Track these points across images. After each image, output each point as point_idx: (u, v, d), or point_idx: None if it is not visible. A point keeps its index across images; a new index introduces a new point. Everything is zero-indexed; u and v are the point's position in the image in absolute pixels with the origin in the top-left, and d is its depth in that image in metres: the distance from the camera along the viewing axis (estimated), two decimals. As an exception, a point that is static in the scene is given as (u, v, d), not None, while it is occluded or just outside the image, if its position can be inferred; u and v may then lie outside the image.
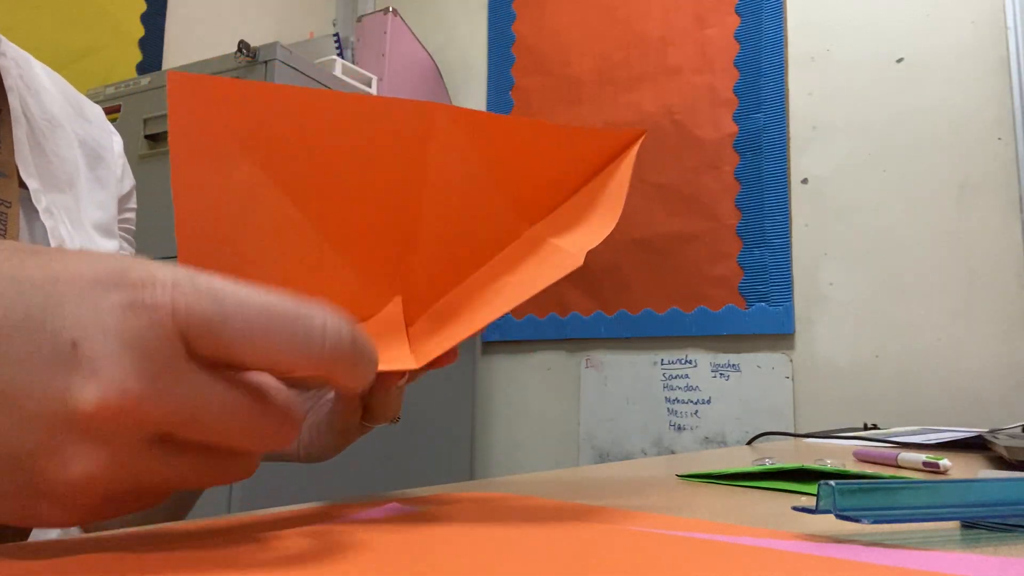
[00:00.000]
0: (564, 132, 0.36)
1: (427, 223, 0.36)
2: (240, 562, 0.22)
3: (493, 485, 0.44)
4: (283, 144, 0.33)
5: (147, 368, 0.20)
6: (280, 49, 1.53)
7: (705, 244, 1.87)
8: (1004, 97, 1.60)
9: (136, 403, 0.20)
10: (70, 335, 0.20)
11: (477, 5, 2.32)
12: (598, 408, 1.96)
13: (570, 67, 2.11)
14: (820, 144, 1.79)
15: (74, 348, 0.20)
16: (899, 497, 0.26)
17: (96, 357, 0.20)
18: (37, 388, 0.20)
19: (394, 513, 0.31)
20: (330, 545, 0.24)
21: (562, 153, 0.37)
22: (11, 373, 0.20)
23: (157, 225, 0.78)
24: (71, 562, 0.21)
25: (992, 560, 0.23)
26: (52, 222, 0.48)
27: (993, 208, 1.59)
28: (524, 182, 0.37)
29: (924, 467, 0.55)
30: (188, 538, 0.25)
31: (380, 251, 0.36)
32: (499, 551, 0.23)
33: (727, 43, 1.90)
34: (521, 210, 0.38)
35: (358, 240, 0.35)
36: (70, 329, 0.20)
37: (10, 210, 0.45)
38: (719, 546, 0.24)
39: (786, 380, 1.75)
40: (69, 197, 0.52)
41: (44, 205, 0.48)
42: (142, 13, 1.86)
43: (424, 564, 0.21)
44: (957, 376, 1.58)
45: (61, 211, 0.50)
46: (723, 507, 0.37)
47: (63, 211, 0.50)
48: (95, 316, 0.20)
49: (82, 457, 0.20)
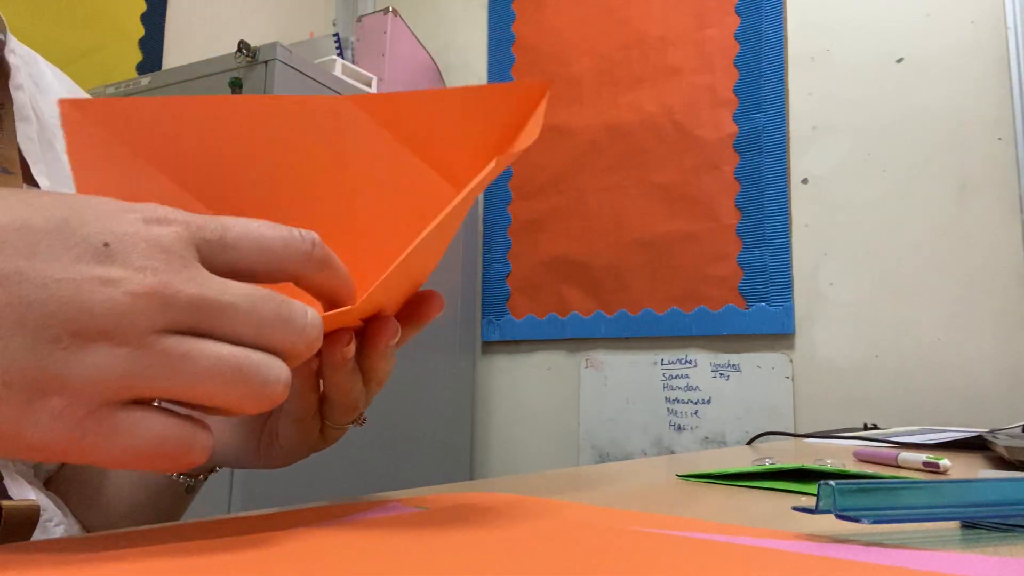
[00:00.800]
0: (470, 94, 0.36)
1: (360, 210, 0.36)
2: (240, 562, 0.22)
3: (493, 485, 0.44)
4: (193, 154, 0.33)
5: (173, 262, 0.23)
6: (280, 49, 1.53)
7: (705, 244, 1.87)
8: (1004, 97, 1.60)
9: (168, 287, 0.23)
10: (102, 238, 0.23)
11: (477, 5, 2.32)
12: (598, 408, 1.96)
13: (570, 67, 2.11)
14: (820, 144, 1.79)
15: (106, 247, 0.23)
16: (899, 497, 0.26)
17: (128, 253, 0.23)
18: (73, 275, 0.22)
19: (394, 513, 0.31)
20: (330, 545, 0.24)
21: (474, 114, 0.36)
22: (51, 268, 0.22)
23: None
24: (71, 562, 0.21)
25: (992, 560, 0.23)
26: None
27: (993, 208, 1.59)
28: (446, 150, 0.37)
29: (924, 467, 0.55)
30: (188, 538, 0.25)
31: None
32: (499, 551, 0.23)
33: (727, 43, 1.90)
34: (451, 177, 0.38)
35: None
36: (101, 234, 0.23)
37: None
38: (719, 546, 0.24)
39: (786, 380, 1.75)
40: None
41: None
42: (142, 13, 1.86)
43: (424, 564, 0.21)
44: (957, 376, 1.58)
45: None
46: (723, 507, 0.37)
47: None
48: (120, 226, 0.23)
49: (103, 350, 0.22)
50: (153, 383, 0.23)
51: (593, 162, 2.03)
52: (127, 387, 0.22)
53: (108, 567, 0.21)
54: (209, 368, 0.23)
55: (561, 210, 2.06)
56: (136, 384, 0.22)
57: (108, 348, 0.22)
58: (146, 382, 0.23)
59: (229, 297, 0.24)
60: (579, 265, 2.01)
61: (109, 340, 0.22)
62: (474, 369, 2.11)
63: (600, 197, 2.01)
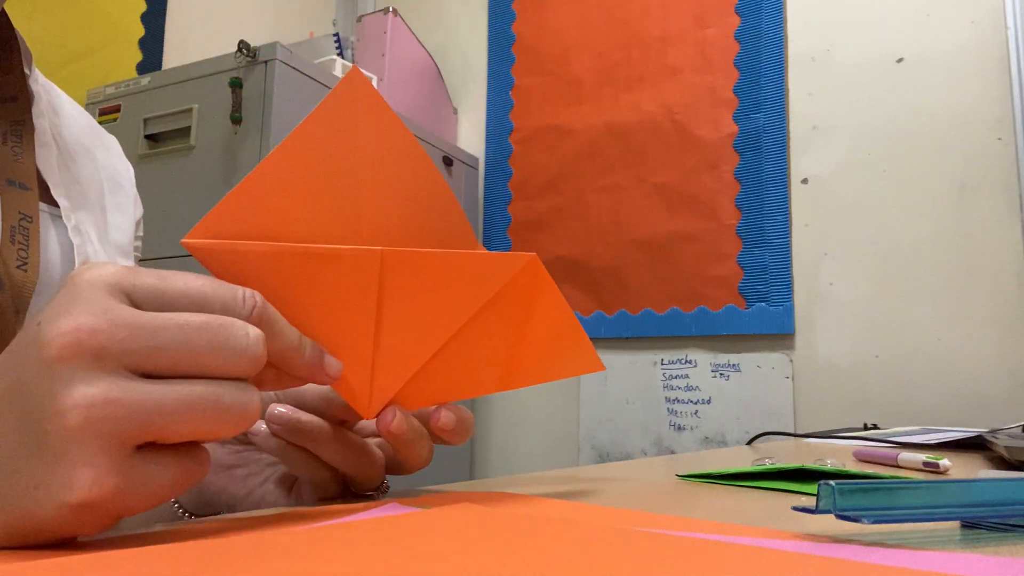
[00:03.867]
0: (461, 259, 0.36)
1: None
2: (240, 562, 0.22)
3: (492, 485, 0.44)
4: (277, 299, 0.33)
5: (90, 309, 0.25)
6: (280, 49, 1.53)
7: (705, 244, 1.87)
8: (1004, 97, 1.60)
9: (89, 330, 0.24)
10: (36, 319, 0.25)
11: (477, 5, 2.32)
12: (598, 408, 1.96)
13: (570, 67, 2.11)
14: (820, 144, 1.79)
15: (39, 325, 0.25)
16: (899, 497, 0.26)
17: (55, 316, 0.25)
18: (14, 355, 0.25)
19: (394, 513, 0.31)
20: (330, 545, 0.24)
21: (461, 279, 0.37)
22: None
23: (157, 224, 0.78)
24: (71, 562, 0.21)
25: (992, 560, 0.23)
26: (80, 240, 0.49)
27: (993, 208, 1.59)
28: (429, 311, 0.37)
29: (924, 467, 0.55)
30: (188, 538, 0.25)
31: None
32: (499, 551, 0.23)
33: (727, 43, 1.90)
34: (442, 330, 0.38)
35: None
36: (37, 319, 0.25)
37: (32, 225, 0.45)
38: (719, 546, 0.24)
39: (786, 380, 1.75)
40: (98, 217, 0.53)
41: (74, 223, 0.49)
42: (142, 13, 1.86)
43: (424, 564, 0.21)
44: (957, 376, 1.58)
45: (90, 230, 0.51)
46: (723, 507, 0.37)
47: (92, 230, 0.52)
48: (54, 304, 0.25)
49: (78, 386, 0.24)
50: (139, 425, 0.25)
51: (593, 162, 2.03)
52: (113, 411, 0.24)
53: (108, 567, 0.21)
54: (167, 406, 0.25)
55: (561, 210, 2.06)
56: (117, 409, 0.24)
57: (80, 383, 0.24)
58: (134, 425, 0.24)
59: (164, 332, 0.25)
60: (579, 265, 2.01)
61: (73, 382, 0.24)
62: (474, 369, 2.11)
63: (600, 197, 2.01)
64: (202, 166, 1.55)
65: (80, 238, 0.49)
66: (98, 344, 0.24)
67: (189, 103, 1.58)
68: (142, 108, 1.64)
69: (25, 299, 0.43)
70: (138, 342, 0.25)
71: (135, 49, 1.85)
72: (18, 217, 0.45)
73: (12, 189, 0.46)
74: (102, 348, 0.24)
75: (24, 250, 0.44)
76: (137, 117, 1.63)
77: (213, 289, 0.28)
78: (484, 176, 2.21)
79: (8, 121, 0.49)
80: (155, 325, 0.25)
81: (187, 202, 1.53)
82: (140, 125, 1.62)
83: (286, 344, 0.30)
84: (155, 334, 0.25)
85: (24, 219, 0.45)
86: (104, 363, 0.24)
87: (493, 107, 2.23)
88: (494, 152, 2.21)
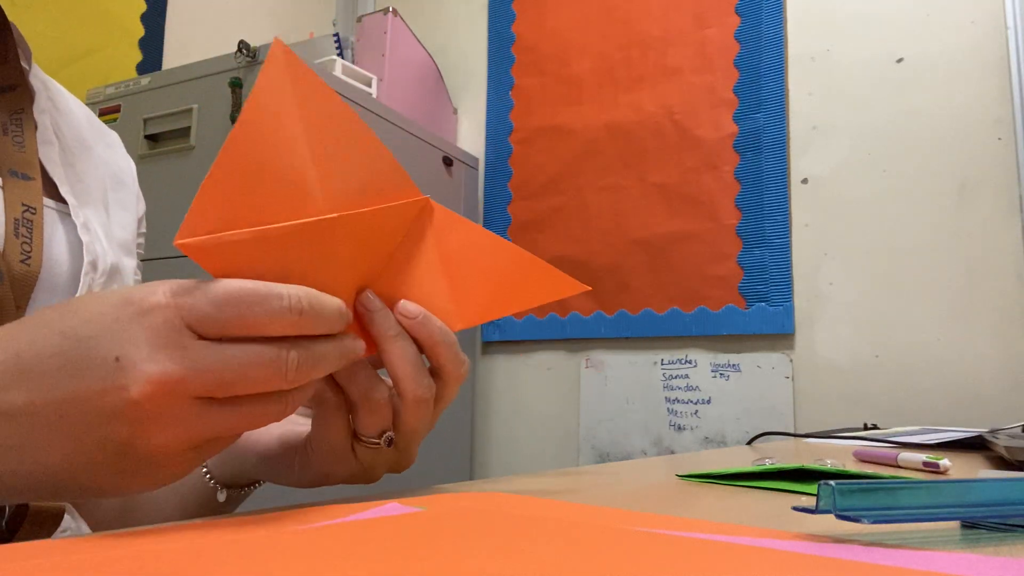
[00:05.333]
0: (369, 216, 0.39)
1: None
2: (241, 562, 0.22)
3: (493, 485, 0.44)
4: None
5: (173, 354, 0.29)
6: (280, 49, 1.53)
7: (705, 244, 1.87)
8: (1004, 97, 1.60)
9: (175, 380, 0.28)
10: (113, 353, 0.28)
11: (477, 5, 2.32)
12: (598, 408, 1.96)
13: (570, 67, 2.11)
14: (820, 144, 1.79)
15: (117, 361, 0.28)
16: (899, 497, 0.26)
17: (137, 360, 0.28)
18: (96, 391, 0.28)
19: (394, 513, 0.31)
20: (330, 545, 0.24)
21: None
22: (76, 386, 0.29)
23: (157, 225, 0.78)
24: (71, 562, 0.21)
25: (992, 560, 0.23)
26: (88, 237, 0.48)
27: (993, 208, 1.59)
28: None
29: (924, 467, 0.55)
30: (189, 537, 0.25)
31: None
32: (499, 551, 0.23)
33: (727, 43, 1.90)
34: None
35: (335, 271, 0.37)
36: (110, 349, 0.29)
37: (35, 217, 0.45)
38: (719, 546, 0.24)
39: (786, 380, 1.75)
40: (101, 214, 0.53)
41: (82, 220, 0.49)
42: (142, 13, 1.86)
43: (424, 564, 0.21)
44: (957, 376, 1.58)
45: (97, 227, 0.51)
46: (723, 507, 0.37)
47: (99, 227, 0.51)
48: (123, 332, 0.29)
49: (157, 428, 0.29)
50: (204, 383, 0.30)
51: (593, 162, 2.03)
52: (187, 434, 0.30)
53: (108, 567, 0.21)
54: (224, 424, 0.31)
55: (561, 210, 2.06)
56: (189, 432, 0.30)
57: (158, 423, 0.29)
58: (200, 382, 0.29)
59: (227, 368, 0.30)
60: (579, 265, 2.01)
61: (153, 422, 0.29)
62: (474, 369, 2.11)
63: (600, 197, 2.01)
64: (202, 166, 1.55)
65: (89, 235, 0.48)
66: (183, 391, 0.29)
67: (189, 103, 1.58)
68: (142, 108, 1.64)
69: (27, 293, 0.43)
70: (214, 380, 0.29)
71: (135, 49, 1.85)
72: (22, 209, 0.44)
73: (15, 180, 0.45)
74: (186, 391, 0.29)
75: (28, 243, 0.44)
76: (137, 117, 1.63)
77: (258, 300, 0.31)
78: (484, 176, 2.21)
79: (8, 111, 0.48)
80: (225, 359, 0.30)
81: (187, 202, 1.50)
82: (140, 125, 1.62)
83: (327, 326, 0.33)
84: (224, 372, 0.29)
85: (28, 211, 0.44)
86: (187, 401, 0.29)
87: (493, 107, 2.23)
88: (494, 152, 2.21)
